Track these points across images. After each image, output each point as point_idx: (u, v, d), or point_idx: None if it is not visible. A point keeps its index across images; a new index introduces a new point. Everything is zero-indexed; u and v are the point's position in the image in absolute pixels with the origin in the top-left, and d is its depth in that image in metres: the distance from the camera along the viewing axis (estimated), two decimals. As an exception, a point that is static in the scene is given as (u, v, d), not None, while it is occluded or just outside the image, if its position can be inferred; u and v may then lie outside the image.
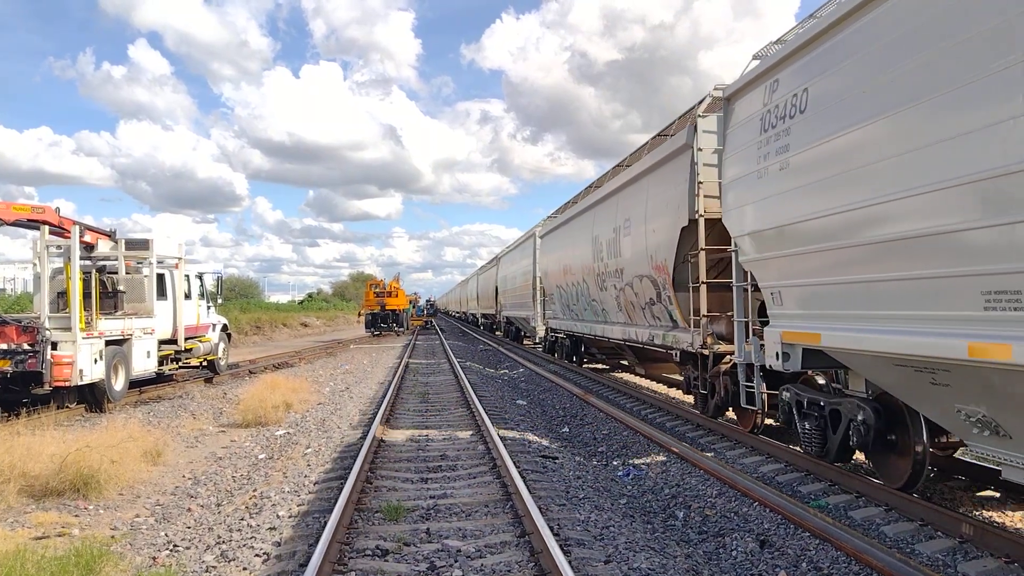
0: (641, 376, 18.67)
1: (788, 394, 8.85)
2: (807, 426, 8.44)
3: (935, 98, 5.20)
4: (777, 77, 7.73)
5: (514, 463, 8.41)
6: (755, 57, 8.90)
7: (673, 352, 12.46)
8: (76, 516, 7.28)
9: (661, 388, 17.37)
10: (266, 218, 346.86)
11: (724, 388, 10.66)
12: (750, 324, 9.54)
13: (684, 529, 6.93)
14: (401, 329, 48.11)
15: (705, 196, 10.61)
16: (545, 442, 10.72)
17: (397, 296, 48.22)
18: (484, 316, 51.46)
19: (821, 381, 8.80)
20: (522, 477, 7.79)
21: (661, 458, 9.63)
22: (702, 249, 10.78)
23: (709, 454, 9.70)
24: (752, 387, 9.51)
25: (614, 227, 15.21)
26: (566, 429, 12.45)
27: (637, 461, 9.65)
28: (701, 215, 10.71)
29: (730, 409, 11.15)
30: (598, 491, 8.07)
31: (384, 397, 14.87)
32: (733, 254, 9.37)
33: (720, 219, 9.49)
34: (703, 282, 10.87)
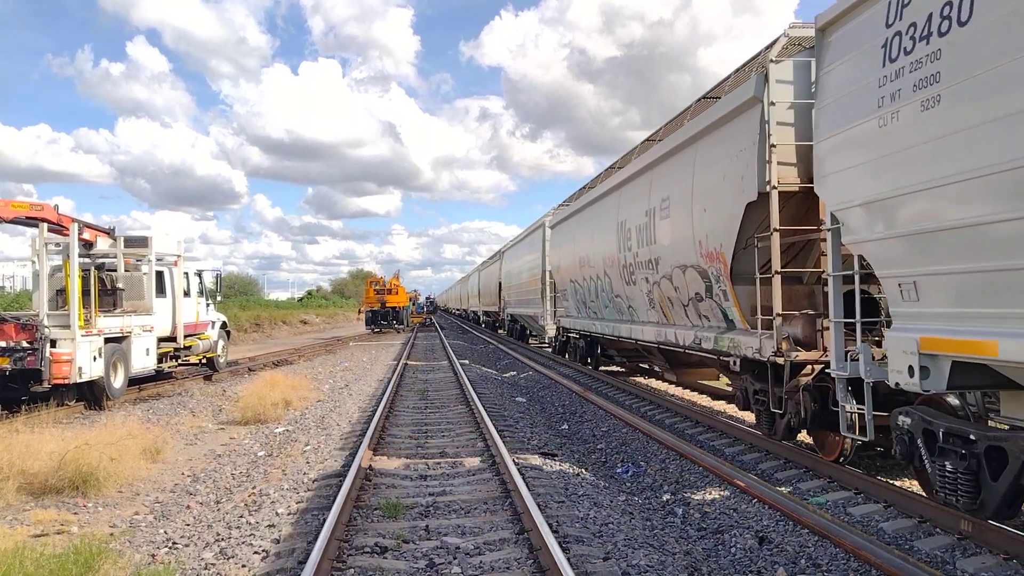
0: (672, 383, 16.62)
1: (910, 420, 6.40)
2: (948, 467, 5.92)
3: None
4: None
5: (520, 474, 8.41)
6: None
7: (731, 360, 10.01)
8: (75, 514, 7.28)
9: (701, 399, 14.92)
10: (265, 215, 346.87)
11: (804, 407, 8.36)
12: (858, 327, 6.91)
13: (683, 526, 6.94)
14: (401, 326, 48.29)
15: (779, 163, 8.48)
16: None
17: (397, 293, 48.39)
18: (486, 313, 51.05)
19: (955, 402, 6.39)
20: (521, 475, 7.78)
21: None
22: (776, 230, 8.51)
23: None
24: (859, 409, 6.98)
25: (647, 209, 12.80)
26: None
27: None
28: (774, 187, 8.45)
29: (804, 431, 8.93)
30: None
31: (384, 395, 14.87)
32: (830, 234, 7.19)
33: (794, 193, 8.20)
34: (777, 272, 8.56)
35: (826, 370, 7.75)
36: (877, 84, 6.06)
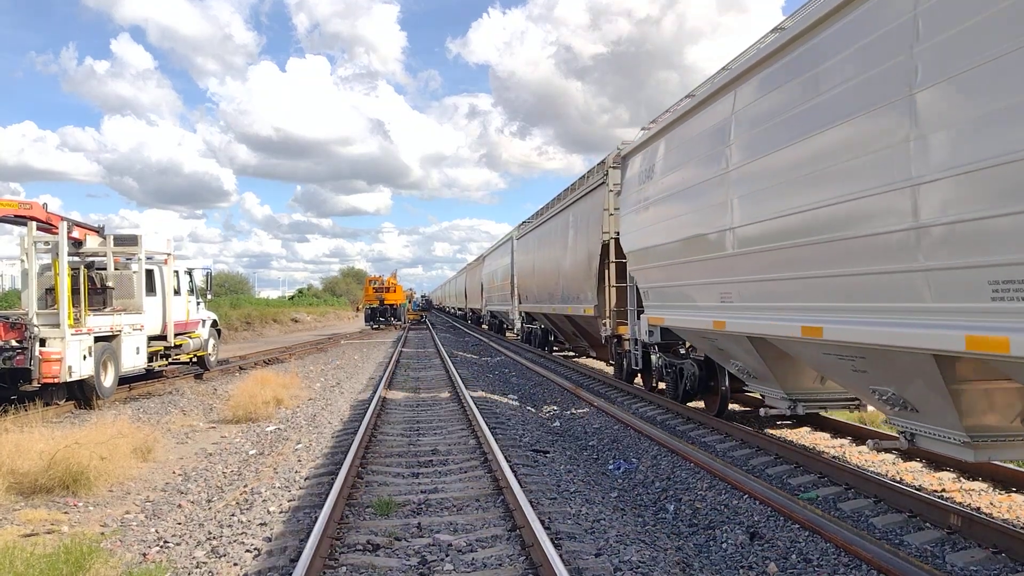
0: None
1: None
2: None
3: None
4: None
5: (503, 455, 8.42)
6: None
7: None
8: (65, 513, 7.25)
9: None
10: (254, 213, 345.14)
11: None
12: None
13: (675, 522, 6.96)
14: (399, 322, 50.67)
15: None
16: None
17: (395, 292, 51.27)
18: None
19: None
20: (513, 471, 7.80)
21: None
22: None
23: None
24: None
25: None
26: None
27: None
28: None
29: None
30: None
31: (375, 392, 14.85)
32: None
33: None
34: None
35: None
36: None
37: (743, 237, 7.90)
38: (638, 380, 15.41)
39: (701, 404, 12.17)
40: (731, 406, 11.84)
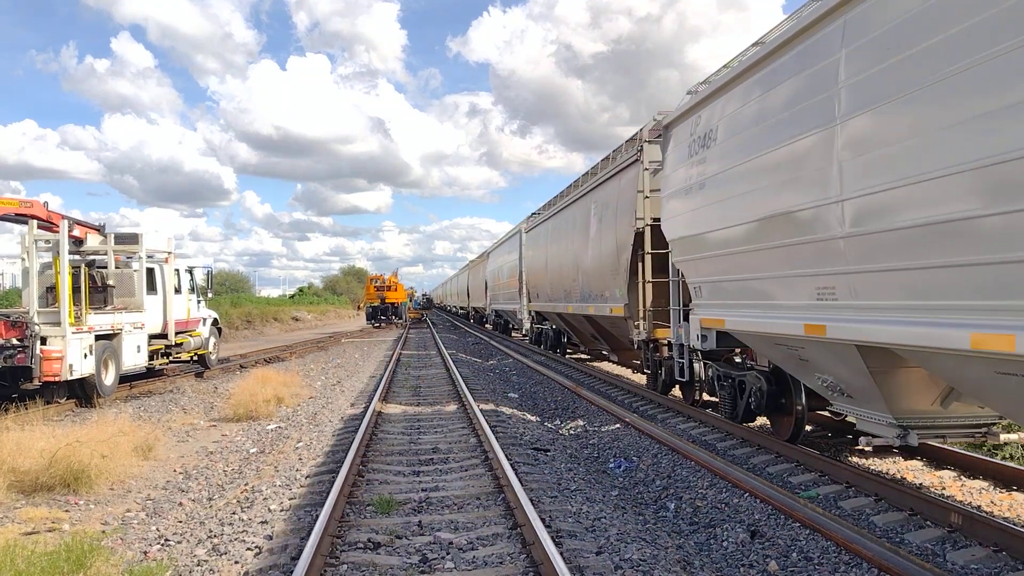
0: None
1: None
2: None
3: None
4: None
5: (505, 455, 8.42)
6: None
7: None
8: (66, 511, 7.26)
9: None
10: (255, 212, 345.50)
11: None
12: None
13: (676, 520, 6.96)
14: (400, 320, 51.22)
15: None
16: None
17: (396, 290, 51.91)
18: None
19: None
20: (514, 470, 7.80)
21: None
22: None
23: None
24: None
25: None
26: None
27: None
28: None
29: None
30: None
31: (375, 391, 14.86)
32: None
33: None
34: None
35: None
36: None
37: (865, 211, 5.95)
38: (675, 392, 13.56)
39: (748, 422, 10.34)
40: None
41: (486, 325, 47.21)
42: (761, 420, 10.43)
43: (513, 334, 37.57)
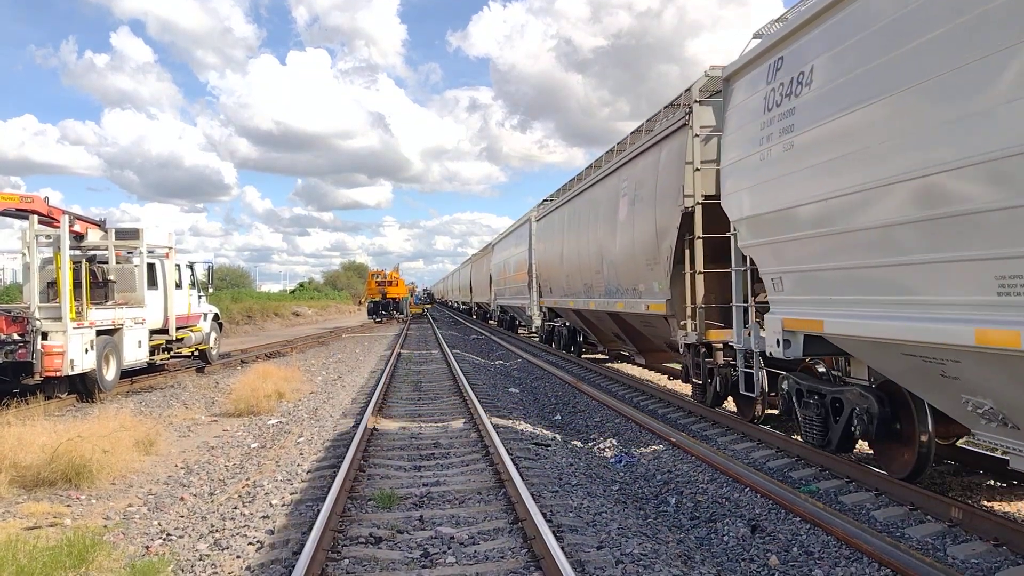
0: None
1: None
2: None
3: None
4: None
5: (507, 451, 8.43)
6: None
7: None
8: (68, 506, 7.27)
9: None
10: (255, 207, 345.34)
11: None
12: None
13: (676, 515, 6.97)
14: (401, 315, 51.16)
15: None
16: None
17: (397, 285, 51.82)
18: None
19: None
20: (515, 464, 7.81)
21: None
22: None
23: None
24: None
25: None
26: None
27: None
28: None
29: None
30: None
31: (376, 386, 14.87)
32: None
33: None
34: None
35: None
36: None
37: None
38: (727, 404, 11.46)
39: (844, 451, 8.06)
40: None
41: (490, 321, 46.36)
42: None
43: (520, 331, 35.81)
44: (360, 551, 5.62)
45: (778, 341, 7.61)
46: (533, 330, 30.20)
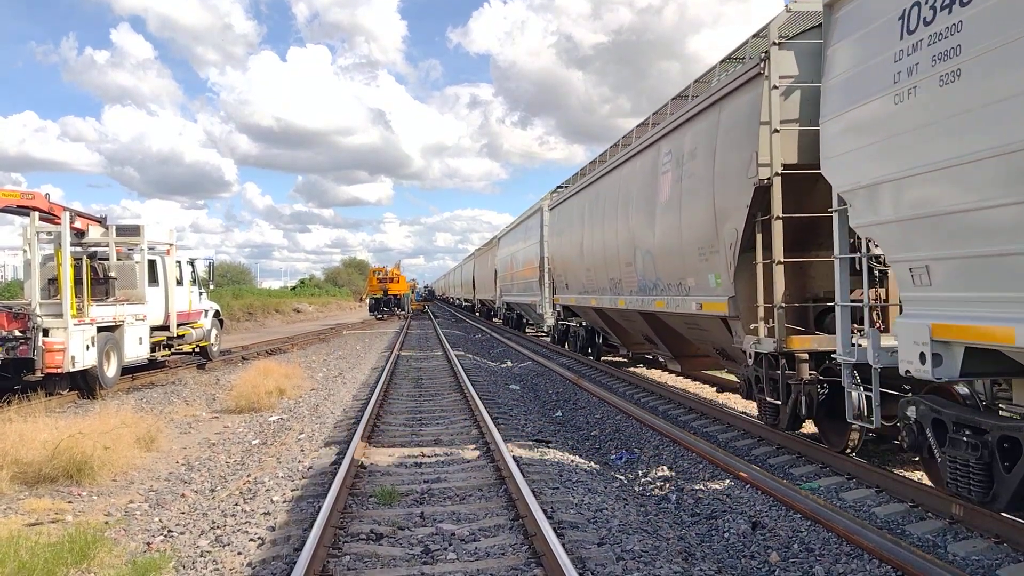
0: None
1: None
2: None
3: None
4: None
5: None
6: None
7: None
8: (69, 502, 7.28)
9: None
10: (256, 204, 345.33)
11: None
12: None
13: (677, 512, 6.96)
14: (402, 312, 51.74)
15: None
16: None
17: (399, 282, 52.30)
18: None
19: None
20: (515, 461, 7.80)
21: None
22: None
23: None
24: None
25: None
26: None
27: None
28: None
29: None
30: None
31: (378, 383, 14.87)
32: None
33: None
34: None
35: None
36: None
37: None
38: (806, 426, 9.36)
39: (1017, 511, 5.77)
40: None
41: (494, 319, 44.92)
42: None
43: (528, 330, 33.79)
44: (361, 547, 5.63)
45: (922, 355, 5.64)
46: (544, 329, 27.94)
